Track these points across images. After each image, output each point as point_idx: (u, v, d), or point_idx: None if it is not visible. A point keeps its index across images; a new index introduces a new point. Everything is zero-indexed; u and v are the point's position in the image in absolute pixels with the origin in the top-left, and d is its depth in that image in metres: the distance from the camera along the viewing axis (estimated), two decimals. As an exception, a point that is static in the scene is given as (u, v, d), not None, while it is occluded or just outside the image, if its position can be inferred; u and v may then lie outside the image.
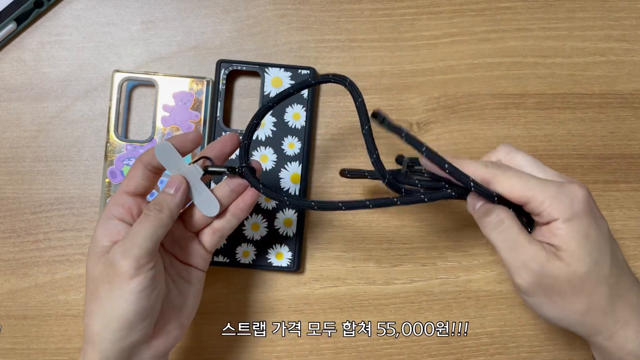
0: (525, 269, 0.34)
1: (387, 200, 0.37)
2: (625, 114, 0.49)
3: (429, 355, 0.48)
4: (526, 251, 0.34)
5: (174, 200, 0.37)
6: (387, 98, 0.49)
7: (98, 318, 0.35)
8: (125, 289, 0.35)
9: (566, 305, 0.34)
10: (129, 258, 0.35)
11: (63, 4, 0.49)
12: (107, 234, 0.37)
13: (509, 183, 0.35)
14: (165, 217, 0.37)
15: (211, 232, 0.41)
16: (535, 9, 0.50)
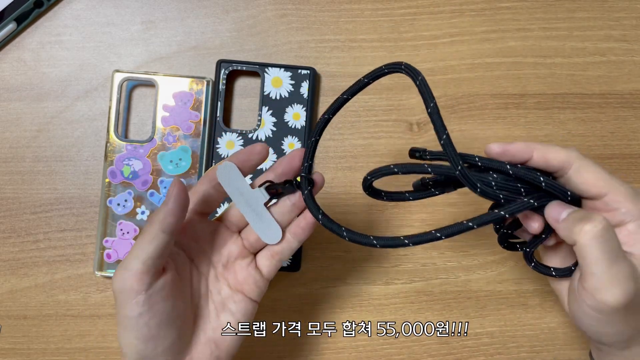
0: (623, 285, 0.30)
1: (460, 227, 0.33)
2: (625, 114, 0.49)
3: (429, 355, 0.48)
4: (626, 265, 0.30)
5: (165, 210, 0.33)
6: (387, 98, 0.49)
7: (121, 329, 0.34)
8: (121, 310, 0.33)
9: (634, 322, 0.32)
10: (116, 280, 0.33)
11: (63, 4, 0.49)
12: None
13: (591, 171, 0.33)
14: (155, 230, 0.33)
15: (269, 255, 0.37)
16: (535, 9, 0.50)
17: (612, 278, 0.30)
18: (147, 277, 0.33)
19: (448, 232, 0.32)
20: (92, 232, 0.48)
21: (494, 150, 0.34)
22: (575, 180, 0.33)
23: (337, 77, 0.49)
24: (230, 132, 0.48)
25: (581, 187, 0.33)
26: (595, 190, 0.33)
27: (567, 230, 0.32)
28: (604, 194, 0.32)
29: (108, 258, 0.47)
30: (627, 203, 0.32)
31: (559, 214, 0.33)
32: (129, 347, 0.34)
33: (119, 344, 0.35)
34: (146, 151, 0.47)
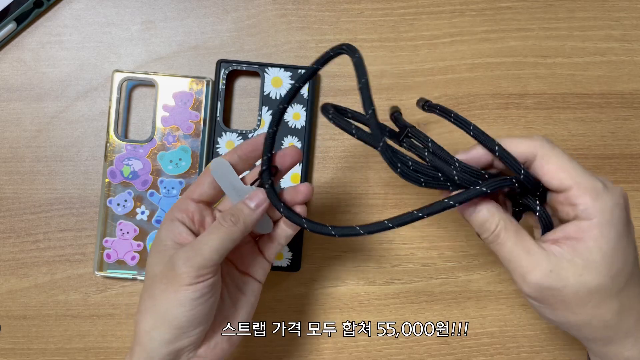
0: (524, 279, 0.32)
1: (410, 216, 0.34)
2: (625, 114, 0.49)
3: (429, 355, 0.48)
4: (526, 262, 0.32)
5: (252, 216, 0.36)
6: (387, 98, 0.49)
7: (150, 317, 0.35)
8: (181, 293, 0.34)
9: (567, 314, 0.32)
10: (190, 266, 0.34)
11: (63, 3, 0.49)
12: (171, 234, 0.36)
13: (553, 162, 0.32)
14: (239, 231, 0.35)
15: (269, 239, 0.39)
16: (535, 9, 0.50)
17: (515, 273, 0.32)
18: (218, 267, 0.35)
19: (399, 222, 0.34)
20: (92, 232, 0.48)
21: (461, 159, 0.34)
22: (539, 172, 0.32)
23: (337, 77, 0.49)
24: (230, 132, 0.48)
25: (543, 179, 0.32)
26: (556, 183, 0.32)
27: (470, 223, 0.34)
28: (566, 187, 0.32)
29: (108, 258, 0.47)
30: (586, 198, 0.31)
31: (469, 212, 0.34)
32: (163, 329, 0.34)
33: (140, 327, 0.35)
34: (146, 151, 0.47)
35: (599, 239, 0.31)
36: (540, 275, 0.31)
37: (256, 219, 0.36)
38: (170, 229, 0.36)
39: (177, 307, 0.34)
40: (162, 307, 0.34)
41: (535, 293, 0.32)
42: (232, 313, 0.38)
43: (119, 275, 0.48)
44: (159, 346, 0.35)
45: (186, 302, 0.34)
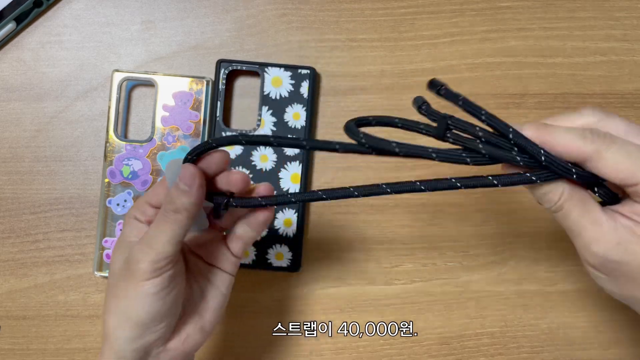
0: (587, 251, 0.31)
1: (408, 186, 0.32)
2: (626, 114, 0.49)
3: (430, 355, 0.48)
4: (590, 233, 0.30)
5: (190, 198, 0.34)
6: (388, 98, 0.49)
7: (114, 315, 0.35)
8: (140, 289, 0.34)
9: (634, 289, 0.31)
10: (146, 261, 0.33)
11: (62, 3, 0.49)
12: (134, 231, 0.36)
13: (614, 161, 0.29)
14: (183, 218, 0.34)
15: (235, 237, 0.38)
16: (535, 8, 0.49)
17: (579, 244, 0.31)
18: (175, 257, 0.34)
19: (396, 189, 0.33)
20: (92, 233, 0.48)
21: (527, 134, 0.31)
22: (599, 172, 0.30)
23: (337, 76, 0.49)
24: (230, 132, 0.48)
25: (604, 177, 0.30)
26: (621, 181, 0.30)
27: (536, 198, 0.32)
28: (632, 183, 0.29)
29: (107, 258, 0.47)
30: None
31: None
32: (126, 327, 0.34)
33: (106, 326, 0.35)
34: (146, 151, 0.47)
35: None
36: (606, 247, 0.30)
37: (196, 200, 0.34)
38: (132, 226, 0.36)
39: (138, 304, 0.34)
40: (124, 305, 0.34)
41: (600, 265, 0.31)
42: (202, 304, 0.38)
43: (118, 275, 0.47)
44: (124, 344, 0.34)
45: (146, 298, 0.34)
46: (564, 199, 0.31)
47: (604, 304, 0.49)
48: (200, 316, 0.37)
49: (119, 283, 0.35)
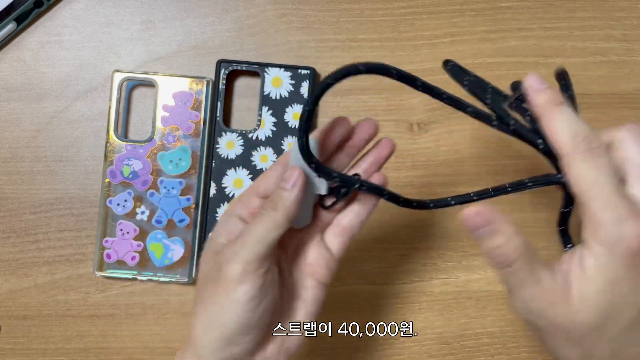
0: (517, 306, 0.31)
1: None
2: (626, 114, 0.49)
3: (429, 355, 0.48)
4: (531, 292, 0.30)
5: (290, 197, 0.32)
6: (388, 98, 0.49)
7: (201, 321, 0.33)
8: (230, 296, 0.31)
9: (557, 347, 0.30)
10: (237, 262, 0.31)
11: (63, 3, 0.49)
12: (225, 232, 0.34)
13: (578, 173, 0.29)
14: (280, 216, 0.32)
15: (339, 231, 0.36)
16: (535, 8, 0.49)
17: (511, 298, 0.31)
18: (267, 262, 0.32)
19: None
20: (92, 232, 0.48)
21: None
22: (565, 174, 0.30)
23: (337, 77, 0.49)
24: (230, 132, 0.48)
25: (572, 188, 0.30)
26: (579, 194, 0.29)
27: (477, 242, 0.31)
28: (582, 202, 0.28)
29: (108, 258, 0.47)
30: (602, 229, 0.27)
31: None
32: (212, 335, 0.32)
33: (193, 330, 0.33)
34: (146, 151, 0.47)
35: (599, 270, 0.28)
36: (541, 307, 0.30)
37: (296, 199, 0.32)
38: (226, 226, 0.34)
39: (228, 313, 0.31)
40: (212, 312, 0.32)
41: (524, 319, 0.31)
42: (292, 315, 0.35)
43: (119, 275, 0.47)
44: (210, 354, 0.32)
45: (236, 306, 0.31)
46: (518, 253, 0.29)
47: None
48: (286, 336, 0.34)
49: (208, 286, 0.33)
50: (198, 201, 0.47)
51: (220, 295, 0.32)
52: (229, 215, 0.34)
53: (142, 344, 0.48)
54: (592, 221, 0.28)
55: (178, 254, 0.47)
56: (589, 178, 0.28)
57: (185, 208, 0.47)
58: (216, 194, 0.48)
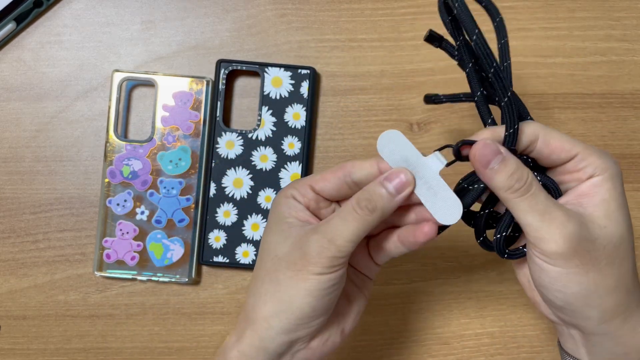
0: (561, 232, 0.30)
1: None
2: (625, 114, 0.49)
3: (429, 355, 0.48)
4: (560, 214, 0.31)
5: (392, 204, 0.32)
6: (388, 98, 0.49)
7: (271, 302, 0.33)
8: (311, 282, 0.32)
9: (598, 277, 0.31)
10: (325, 257, 0.31)
11: (62, 3, 0.49)
12: (291, 211, 0.34)
13: (557, 138, 0.32)
14: (375, 220, 0.32)
15: (378, 247, 0.36)
16: (535, 8, 0.49)
17: (549, 228, 0.30)
18: (348, 256, 0.32)
19: None
20: (92, 232, 0.48)
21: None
22: (545, 151, 0.33)
23: (337, 76, 0.49)
24: (230, 132, 0.48)
25: (552, 156, 0.33)
26: (565, 154, 0.32)
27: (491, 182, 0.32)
28: (574, 154, 0.32)
29: (107, 258, 0.47)
30: (594, 158, 0.32)
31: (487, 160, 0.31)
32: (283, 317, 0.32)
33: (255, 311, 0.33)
34: (146, 151, 0.47)
35: (611, 190, 0.32)
36: (578, 226, 0.30)
37: (396, 206, 0.32)
38: (290, 206, 0.34)
39: (304, 297, 0.32)
40: (287, 295, 0.32)
41: (571, 250, 0.30)
42: (347, 306, 0.36)
43: (118, 275, 0.47)
44: (276, 334, 0.33)
45: (315, 292, 0.32)
46: (531, 176, 0.31)
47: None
48: (344, 318, 0.36)
49: (285, 271, 0.32)
50: (198, 201, 0.47)
51: (298, 281, 0.32)
52: (286, 197, 0.34)
53: (142, 344, 0.48)
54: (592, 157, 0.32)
55: (178, 254, 0.47)
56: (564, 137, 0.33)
57: (185, 208, 0.47)
58: (216, 194, 0.48)
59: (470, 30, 0.31)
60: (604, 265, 0.31)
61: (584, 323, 0.33)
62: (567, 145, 0.32)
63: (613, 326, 0.32)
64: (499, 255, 0.34)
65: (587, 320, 0.33)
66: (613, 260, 0.31)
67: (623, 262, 0.32)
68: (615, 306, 0.32)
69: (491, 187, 0.32)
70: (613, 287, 0.31)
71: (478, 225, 0.34)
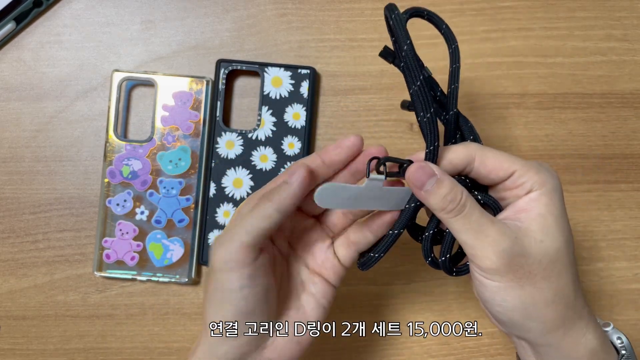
0: (494, 250, 0.31)
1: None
2: (626, 114, 0.49)
3: (430, 355, 0.48)
4: (494, 231, 0.31)
5: (287, 191, 0.32)
6: (388, 98, 0.49)
7: (211, 307, 0.33)
8: (220, 283, 0.32)
9: (534, 291, 0.32)
10: (222, 251, 0.32)
11: (62, 3, 0.49)
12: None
13: (492, 157, 0.33)
14: (271, 209, 0.32)
15: (346, 243, 0.37)
16: (536, 8, 0.49)
17: (482, 244, 0.31)
18: (254, 252, 0.32)
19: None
20: (92, 232, 0.48)
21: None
22: (483, 171, 0.33)
23: (337, 76, 0.49)
24: (230, 131, 0.48)
25: (491, 176, 0.33)
26: (503, 173, 0.33)
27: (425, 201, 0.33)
28: (511, 172, 0.33)
29: (107, 258, 0.47)
30: (532, 174, 0.32)
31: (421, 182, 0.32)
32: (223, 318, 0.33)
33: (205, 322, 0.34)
34: (145, 151, 0.47)
35: (549, 204, 0.32)
36: (510, 242, 0.31)
37: (294, 193, 0.32)
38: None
39: (222, 301, 0.33)
40: (223, 293, 0.33)
41: (506, 265, 0.31)
42: (301, 317, 0.36)
43: (118, 275, 0.47)
44: (220, 342, 0.33)
45: (229, 294, 0.32)
46: (465, 195, 0.32)
47: (603, 303, 0.49)
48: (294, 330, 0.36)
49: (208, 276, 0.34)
50: (198, 201, 0.47)
51: (210, 283, 0.33)
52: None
53: (142, 344, 0.48)
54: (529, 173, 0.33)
55: (177, 254, 0.47)
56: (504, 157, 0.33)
57: (184, 208, 0.47)
58: (216, 193, 0.48)
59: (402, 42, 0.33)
60: (540, 278, 0.32)
61: (527, 335, 0.34)
62: (504, 164, 0.33)
63: (556, 338, 0.33)
64: (447, 274, 0.35)
65: (529, 333, 0.33)
66: (550, 273, 0.32)
67: (561, 276, 0.32)
68: (555, 318, 0.32)
69: (428, 206, 0.33)
70: (550, 300, 0.32)
71: (425, 247, 0.35)
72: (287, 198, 0.32)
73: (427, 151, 0.33)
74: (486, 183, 0.34)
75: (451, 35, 0.36)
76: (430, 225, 0.35)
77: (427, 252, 0.35)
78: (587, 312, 0.33)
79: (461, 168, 0.34)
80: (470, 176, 0.34)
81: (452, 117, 0.35)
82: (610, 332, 0.36)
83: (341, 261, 0.37)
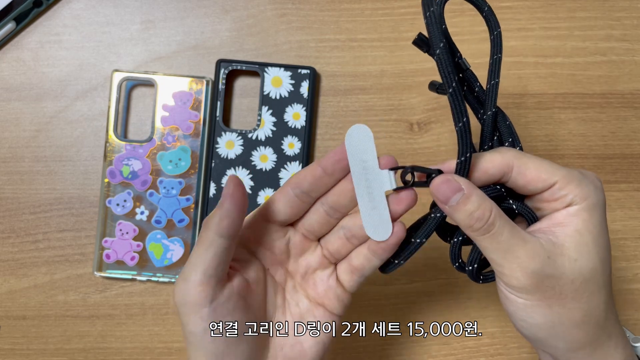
0: (523, 271, 0.29)
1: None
2: (626, 114, 0.49)
3: (430, 355, 0.48)
4: (523, 252, 0.29)
5: (221, 211, 0.30)
6: (388, 98, 0.49)
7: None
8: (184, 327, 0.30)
9: (562, 311, 0.30)
10: (177, 293, 0.30)
11: (62, 3, 0.49)
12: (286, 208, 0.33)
13: (532, 168, 0.30)
14: (212, 235, 0.30)
15: (349, 270, 0.34)
16: (535, 8, 0.49)
17: (510, 265, 0.29)
18: (209, 288, 0.30)
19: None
20: (92, 233, 0.48)
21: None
22: (521, 181, 0.31)
23: (337, 76, 0.49)
24: (230, 132, 0.48)
25: (529, 187, 0.31)
26: (542, 184, 0.31)
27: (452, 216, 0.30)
28: (551, 184, 0.30)
29: (107, 258, 0.47)
30: (573, 187, 0.30)
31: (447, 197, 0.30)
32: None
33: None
34: (145, 151, 0.47)
35: (587, 221, 0.30)
36: (541, 263, 0.29)
37: (225, 214, 0.30)
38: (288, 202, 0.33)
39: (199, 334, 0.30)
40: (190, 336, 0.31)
41: (534, 285, 0.29)
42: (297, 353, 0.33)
43: (118, 275, 0.47)
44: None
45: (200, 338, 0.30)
46: (494, 214, 0.30)
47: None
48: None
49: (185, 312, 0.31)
50: (198, 201, 0.47)
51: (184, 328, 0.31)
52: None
53: (142, 344, 0.48)
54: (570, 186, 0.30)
55: (177, 254, 0.47)
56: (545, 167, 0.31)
57: (184, 208, 0.47)
58: (216, 194, 0.48)
59: (435, 43, 0.30)
60: (570, 299, 0.30)
61: (551, 351, 0.32)
62: (544, 175, 0.30)
63: (581, 356, 0.31)
64: (473, 281, 0.34)
65: (553, 349, 0.32)
66: (581, 294, 0.30)
67: (593, 296, 0.30)
68: (583, 338, 0.31)
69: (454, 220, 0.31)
70: (579, 321, 0.30)
71: (453, 252, 0.33)
72: (222, 219, 0.30)
73: (458, 161, 0.30)
74: (523, 193, 0.32)
75: (494, 19, 0.33)
76: (459, 231, 0.33)
77: (455, 257, 0.33)
78: (617, 330, 0.32)
79: (497, 178, 0.31)
80: (507, 185, 0.32)
81: (490, 118, 0.32)
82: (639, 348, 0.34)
83: (346, 288, 0.34)
